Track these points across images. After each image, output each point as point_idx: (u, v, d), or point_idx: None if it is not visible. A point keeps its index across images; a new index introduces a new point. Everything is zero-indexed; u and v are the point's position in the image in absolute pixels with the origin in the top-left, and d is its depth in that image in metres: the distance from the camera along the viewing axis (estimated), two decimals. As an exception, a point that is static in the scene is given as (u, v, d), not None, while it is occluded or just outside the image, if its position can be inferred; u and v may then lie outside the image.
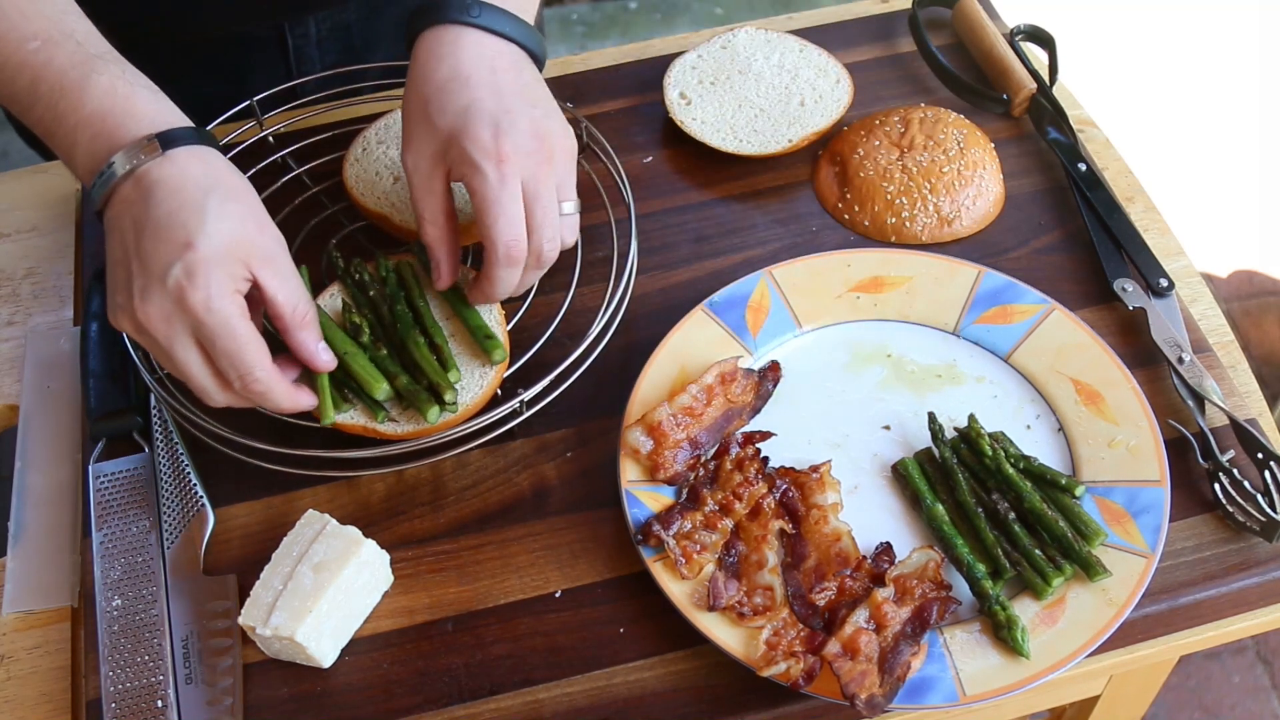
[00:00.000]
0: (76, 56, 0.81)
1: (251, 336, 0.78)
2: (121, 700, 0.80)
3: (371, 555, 0.82)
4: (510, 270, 0.84)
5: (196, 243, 0.75)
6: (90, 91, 0.80)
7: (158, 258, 0.76)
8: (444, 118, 0.83)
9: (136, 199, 0.78)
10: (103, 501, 0.89)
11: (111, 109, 0.80)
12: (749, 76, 1.10)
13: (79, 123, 0.80)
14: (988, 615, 0.79)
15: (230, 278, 0.77)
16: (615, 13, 2.87)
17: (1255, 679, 1.81)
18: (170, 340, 0.77)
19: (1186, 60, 2.61)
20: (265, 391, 0.79)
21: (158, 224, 0.76)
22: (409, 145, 0.86)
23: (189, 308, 0.75)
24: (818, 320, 0.95)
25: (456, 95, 0.83)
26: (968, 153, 1.03)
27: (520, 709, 0.80)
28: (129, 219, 0.78)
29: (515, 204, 0.82)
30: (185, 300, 0.75)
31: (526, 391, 0.86)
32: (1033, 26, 1.14)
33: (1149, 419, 0.87)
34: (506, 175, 0.82)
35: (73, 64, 0.81)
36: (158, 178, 0.77)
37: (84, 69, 0.81)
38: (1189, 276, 1.00)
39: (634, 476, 0.87)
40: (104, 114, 0.80)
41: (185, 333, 0.77)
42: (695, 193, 1.06)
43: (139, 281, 0.76)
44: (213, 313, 0.76)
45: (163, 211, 0.77)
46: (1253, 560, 0.83)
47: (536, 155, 0.83)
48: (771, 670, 0.77)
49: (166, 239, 0.76)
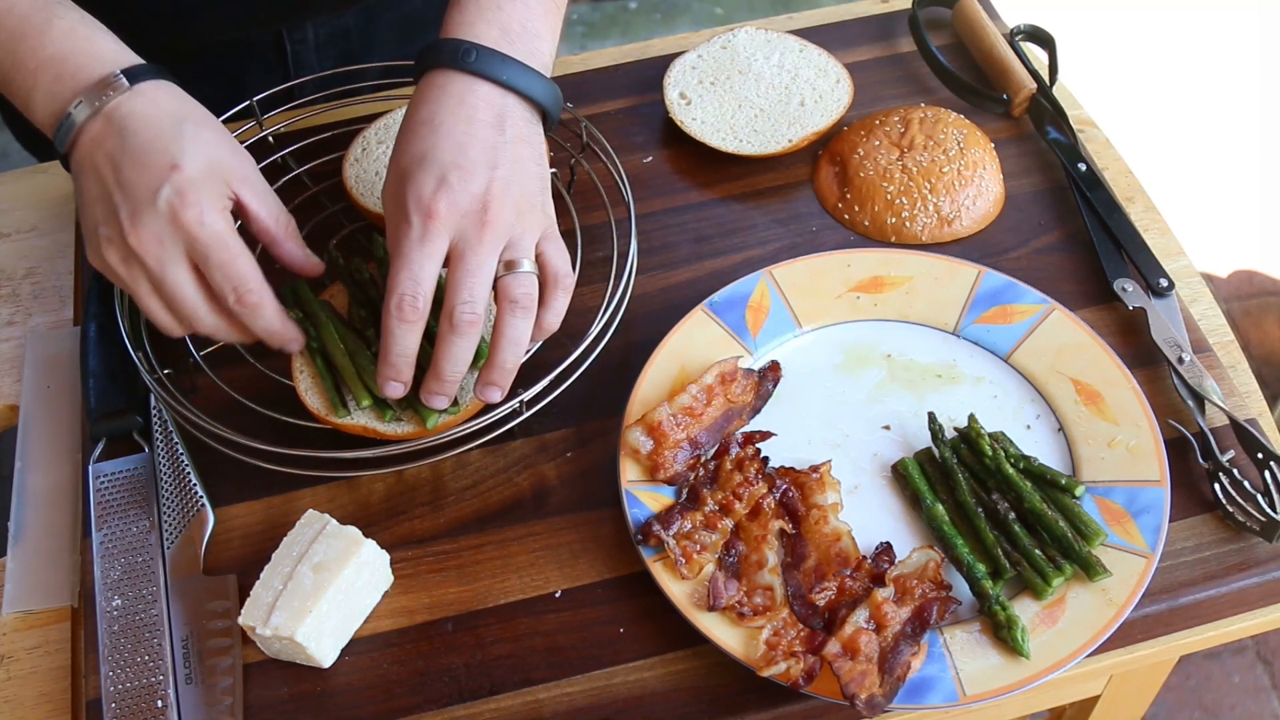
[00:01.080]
0: (37, 2, 0.82)
1: (244, 251, 0.79)
2: (121, 700, 0.80)
3: (371, 555, 0.82)
4: (403, 328, 0.79)
5: (182, 164, 0.77)
6: (50, 35, 0.80)
7: (143, 183, 0.77)
8: (403, 159, 0.81)
9: (109, 134, 0.78)
10: (103, 501, 0.89)
11: (73, 50, 0.80)
12: (749, 76, 1.10)
13: (39, 65, 0.80)
14: (987, 615, 0.79)
15: (218, 195, 0.79)
16: (615, 13, 2.88)
17: (1255, 679, 1.81)
18: (162, 262, 0.78)
19: (1186, 60, 2.61)
20: (258, 304, 0.80)
21: (137, 153, 0.77)
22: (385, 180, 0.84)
23: (183, 225, 0.77)
24: (818, 320, 0.95)
25: (420, 140, 0.81)
26: (968, 153, 1.03)
27: (520, 709, 0.80)
28: (103, 155, 0.78)
29: (426, 261, 0.79)
30: (179, 218, 0.77)
31: (526, 391, 0.86)
32: (1033, 26, 1.14)
33: (1149, 419, 0.87)
34: (430, 232, 0.78)
35: (34, 9, 0.81)
36: (129, 110, 0.79)
37: (45, 14, 0.81)
38: (1189, 276, 1.00)
39: (634, 476, 0.87)
40: (65, 55, 0.80)
41: (178, 253, 0.78)
42: (695, 193, 1.06)
43: (126, 209, 0.77)
44: (206, 228, 0.77)
45: (140, 141, 0.78)
46: (1253, 560, 0.83)
47: (474, 217, 0.79)
48: (771, 670, 0.77)
49: (150, 164, 0.77)
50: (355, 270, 0.93)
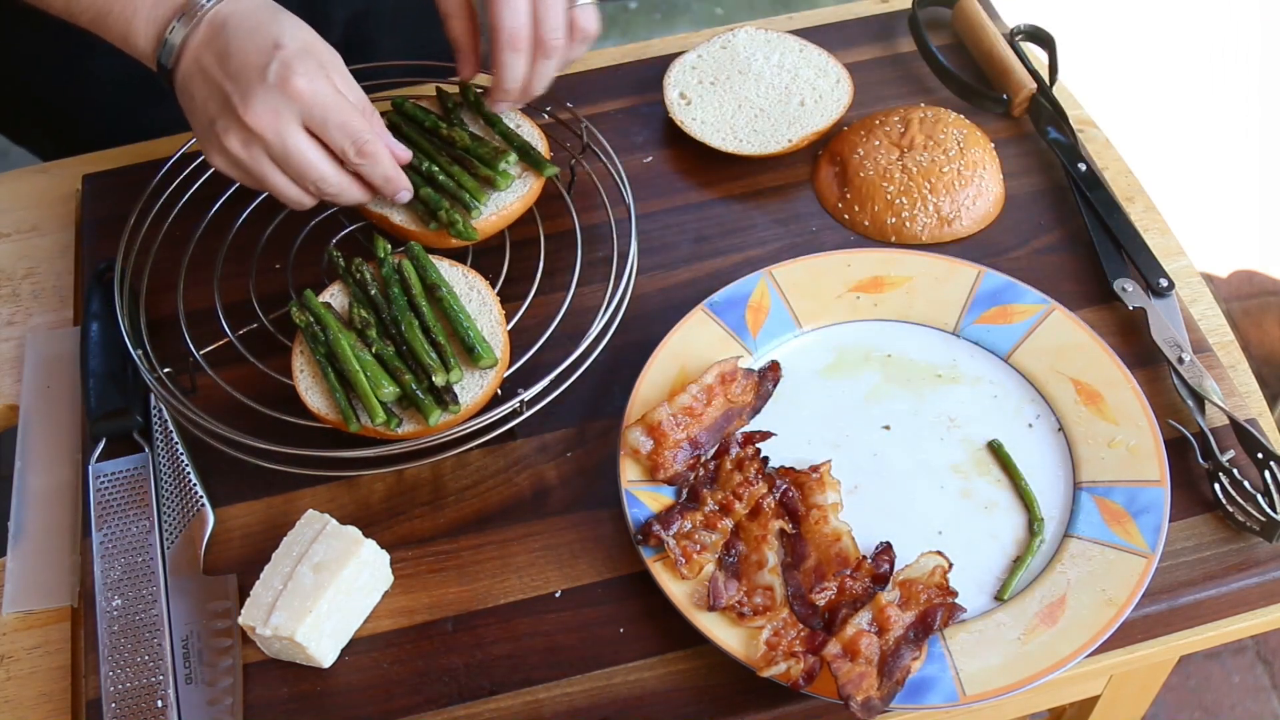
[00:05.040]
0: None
1: (354, 108, 0.86)
2: (121, 700, 0.80)
3: (371, 555, 0.82)
4: (514, 56, 0.90)
5: (284, 42, 0.83)
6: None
7: (251, 65, 0.83)
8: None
9: (213, 36, 0.85)
10: (103, 501, 0.89)
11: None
12: (749, 76, 1.10)
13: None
14: None
15: (320, 67, 0.84)
16: (615, 13, 2.87)
17: (1255, 679, 1.81)
18: (282, 135, 0.83)
19: (1186, 60, 2.60)
20: (377, 153, 0.87)
21: (242, 43, 0.83)
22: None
23: (296, 93, 0.82)
24: (818, 320, 0.95)
25: None
26: (968, 153, 1.03)
27: (520, 709, 0.80)
28: (210, 55, 0.84)
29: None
30: (290, 86, 0.82)
31: (526, 391, 0.86)
32: (1033, 26, 1.14)
33: (1149, 419, 0.87)
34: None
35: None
36: (229, 12, 0.85)
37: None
38: (1189, 276, 1.00)
39: (634, 476, 0.87)
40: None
41: (294, 121, 0.83)
42: (695, 193, 1.06)
43: (238, 94, 0.83)
44: (318, 93, 0.83)
45: (243, 33, 0.84)
46: (1253, 560, 0.83)
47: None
48: (771, 670, 0.77)
49: (255, 48, 0.83)
50: (355, 270, 0.93)
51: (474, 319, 0.90)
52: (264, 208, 1.01)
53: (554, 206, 1.01)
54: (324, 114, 0.84)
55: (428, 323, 0.89)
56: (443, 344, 0.88)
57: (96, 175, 1.09)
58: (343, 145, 0.85)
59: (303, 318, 0.89)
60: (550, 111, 1.05)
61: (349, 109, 0.85)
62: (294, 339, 0.91)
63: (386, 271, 0.92)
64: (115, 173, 1.10)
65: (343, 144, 0.85)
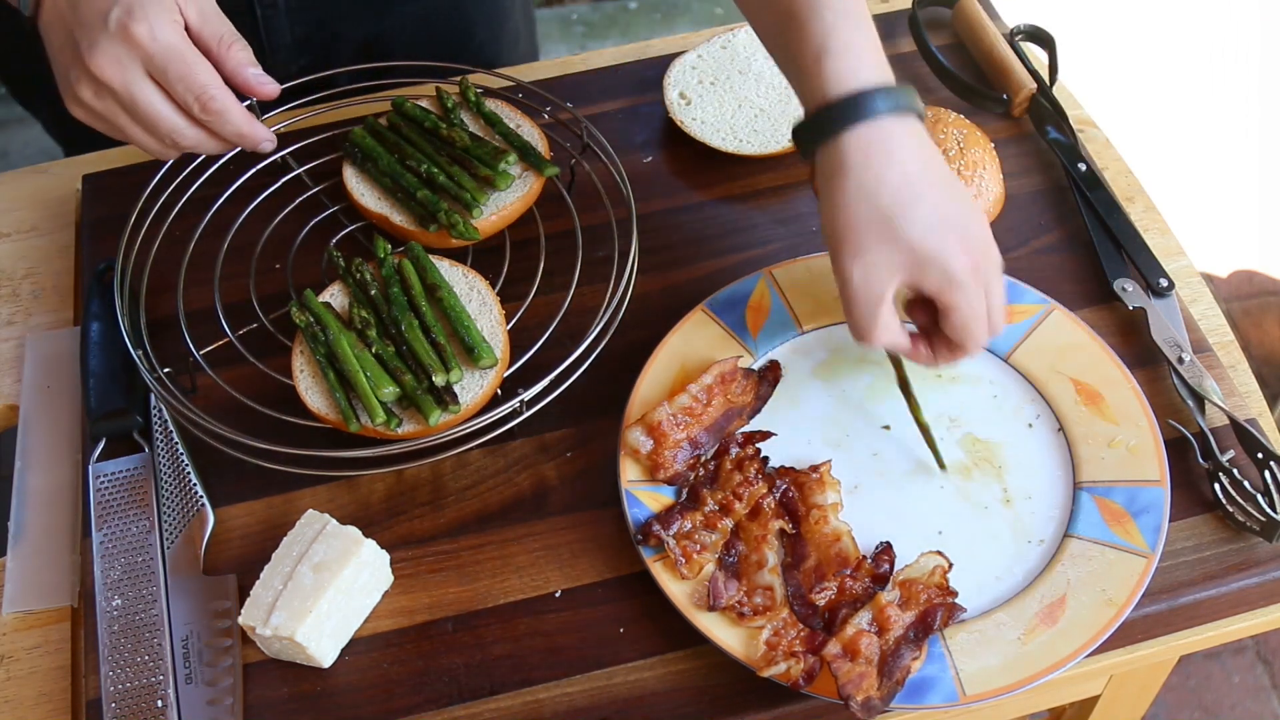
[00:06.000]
0: None
1: (199, 59, 0.81)
2: (121, 700, 0.80)
3: (371, 555, 0.82)
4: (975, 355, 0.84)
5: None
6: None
7: (93, 12, 0.79)
8: (913, 229, 0.78)
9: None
10: (103, 501, 0.89)
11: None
12: (749, 76, 1.10)
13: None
14: None
15: (166, 11, 0.80)
16: (615, 13, 2.87)
17: (1255, 679, 1.81)
18: (127, 84, 0.79)
19: (1186, 60, 2.60)
20: (223, 110, 0.82)
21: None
22: (859, 254, 0.79)
23: (135, 41, 0.78)
24: (818, 320, 0.95)
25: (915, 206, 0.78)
26: (968, 153, 1.03)
27: (520, 709, 0.80)
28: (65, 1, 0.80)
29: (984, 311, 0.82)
30: (130, 34, 0.78)
31: (526, 391, 0.86)
32: (1033, 26, 1.14)
33: (1149, 419, 0.87)
34: (978, 286, 0.81)
35: None
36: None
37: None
38: (1189, 276, 1.00)
39: (634, 476, 0.87)
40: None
41: (138, 71, 0.79)
42: (695, 193, 1.06)
43: (86, 42, 0.79)
44: (158, 41, 0.79)
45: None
46: (1253, 560, 0.83)
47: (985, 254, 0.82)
48: (771, 670, 0.77)
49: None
50: (355, 270, 0.93)
51: (474, 319, 0.90)
52: (264, 208, 1.01)
53: (554, 206, 1.01)
54: (164, 64, 0.79)
55: (428, 323, 0.89)
56: (443, 344, 0.88)
57: (96, 175, 1.09)
58: (186, 100, 0.81)
59: (303, 318, 0.89)
60: (550, 111, 1.05)
61: (192, 59, 0.80)
62: (294, 339, 0.91)
63: (386, 271, 0.93)
64: (115, 173, 1.10)
65: (186, 99, 0.81)
